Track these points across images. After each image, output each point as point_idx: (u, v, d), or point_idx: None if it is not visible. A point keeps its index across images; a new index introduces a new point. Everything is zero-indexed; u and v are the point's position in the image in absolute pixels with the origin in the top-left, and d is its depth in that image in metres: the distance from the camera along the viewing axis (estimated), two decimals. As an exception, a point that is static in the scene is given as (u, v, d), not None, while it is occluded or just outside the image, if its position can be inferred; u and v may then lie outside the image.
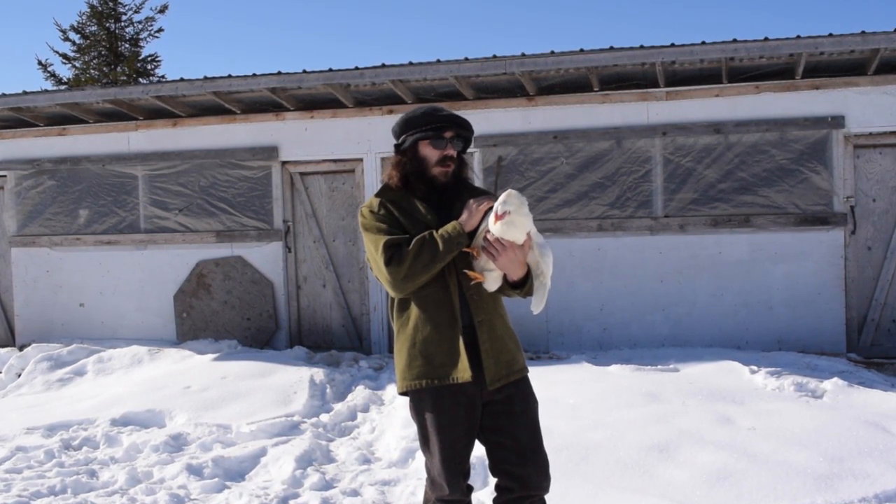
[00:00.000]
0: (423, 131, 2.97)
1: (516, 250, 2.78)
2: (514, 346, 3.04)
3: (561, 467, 4.48)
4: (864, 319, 7.91)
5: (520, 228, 2.77)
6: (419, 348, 2.92)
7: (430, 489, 3.05)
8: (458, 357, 2.88)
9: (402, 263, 2.84)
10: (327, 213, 9.21)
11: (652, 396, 5.83)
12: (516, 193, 2.77)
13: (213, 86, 8.50)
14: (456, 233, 2.84)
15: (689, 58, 7.48)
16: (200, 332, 9.28)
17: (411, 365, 2.94)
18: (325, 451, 5.60)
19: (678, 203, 8.14)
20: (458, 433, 2.91)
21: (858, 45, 7.18)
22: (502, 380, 2.93)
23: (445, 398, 2.90)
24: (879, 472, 4.26)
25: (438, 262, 2.85)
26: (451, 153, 2.98)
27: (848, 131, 7.80)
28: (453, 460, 2.92)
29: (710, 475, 4.32)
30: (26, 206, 9.91)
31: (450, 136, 2.97)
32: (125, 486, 4.95)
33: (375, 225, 2.96)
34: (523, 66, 7.74)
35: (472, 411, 2.94)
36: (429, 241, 2.84)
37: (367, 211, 3.02)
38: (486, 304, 2.97)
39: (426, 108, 3.03)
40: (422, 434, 2.99)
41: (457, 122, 3.00)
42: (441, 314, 2.92)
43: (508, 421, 2.94)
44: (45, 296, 9.86)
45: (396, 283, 2.87)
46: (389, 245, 2.88)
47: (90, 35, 22.66)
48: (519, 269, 2.84)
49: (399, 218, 2.97)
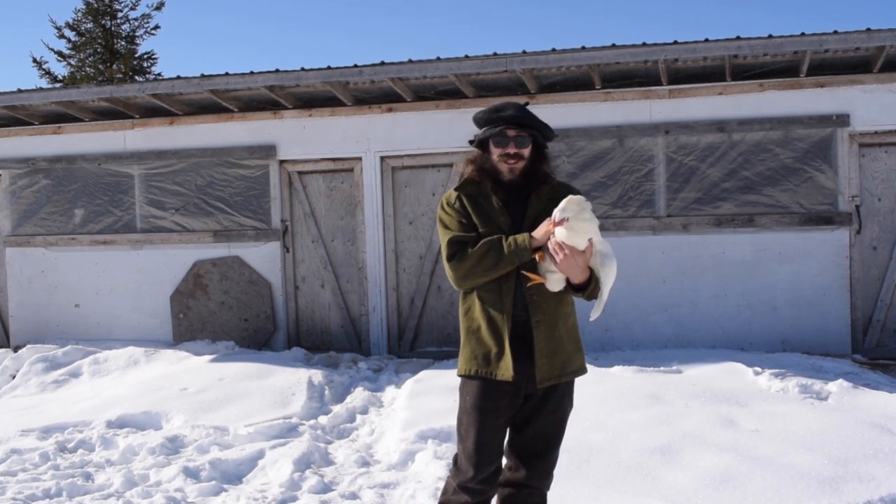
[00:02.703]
0: (486, 129, 3.07)
1: (577, 255, 2.84)
2: (573, 347, 3.10)
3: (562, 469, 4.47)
4: (870, 320, 7.87)
5: (580, 234, 2.83)
6: (473, 339, 3.06)
7: (452, 476, 3.13)
8: (504, 355, 2.98)
9: (463, 262, 2.97)
10: (326, 212, 9.15)
11: (654, 398, 5.84)
12: (578, 199, 2.83)
13: (211, 84, 8.47)
14: (524, 245, 2.92)
15: (693, 55, 7.45)
16: (197, 332, 9.22)
17: (464, 353, 3.09)
18: (324, 454, 5.57)
19: (681, 202, 8.09)
20: (498, 422, 3.03)
21: (864, 42, 7.15)
22: (553, 379, 3.02)
23: (493, 385, 3.01)
24: (885, 475, 4.25)
25: (500, 270, 2.96)
26: (513, 151, 3.02)
27: (853, 130, 7.77)
28: (487, 446, 3.02)
29: (713, 478, 4.31)
30: (21, 205, 9.86)
31: (513, 135, 3.02)
32: (121, 489, 4.93)
33: (448, 218, 3.09)
34: (524, 63, 7.71)
35: (514, 401, 3.04)
36: (496, 246, 2.94)
37: (444, 202, 3.16)
38: (547, 304, 3.02)
39: (493, 106, 3.11)
40: (460, 416, 3.10)
41: (513, 120, 3.02)
42: (495, 310, 3.01)
43: (539, 414, 3.06)
44: (40, 296, 9.81)
45: (457, 279, 3.02)
46: (455, 241, 3.02)
47: (86, 32, 22.59)
48: (580, 273, 2.90)
49: (472, 212, 3.06)
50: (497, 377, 2.98)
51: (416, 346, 8.90)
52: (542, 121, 3.08)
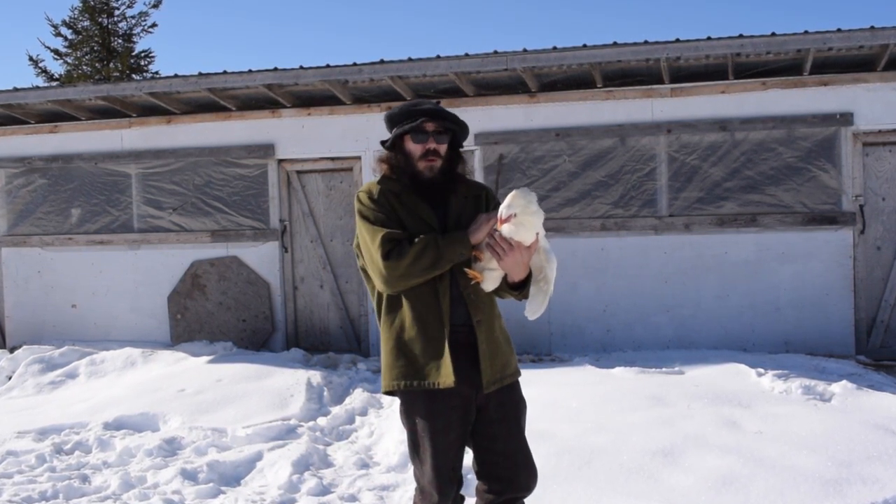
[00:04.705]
0: (403, 125, 2.91)
1: (523, 251, 2.73)
2: (509, 348, 3.01)
3: (563, 471, 4.50)
4: (874, 321, 7.84)
5: (529, 229, 2.72)
6: (403, 348, 2.86)
7: (419, 499, 2.96)
8: (442, 360, 2.82)
9: (400, 260, 2.78)
10: (325, 212, 9.11)
11: (656, 399, 5.81)
12: (522, 193, 2.71)
13: (208, 82, 8.44)
14: (462, 243, 2.80)
15: (695, 53, 7.42)
16: (195, 333, 9.18)
17: (394, 364, 2.87)
18: (323, 456, 5.55)
19: (683, 202, 8.05)
20: (451, 438, 2.84)
21: (867, 40, 7.12)
22: (497, 383, 2.89)
23: (438, 401, 2.82)
24: (889, 477, 4.22)
25: (438, 268, 2.81)
26: (433, 146, 2.91)
27: (857, 128, 7.74)
28: (445, 467, 2.85)
29: (715, 480, 4.28)
30: (17, 205, 9.81)
31: (432, 130, 2.90)
32: (118, 492, 4.93)
33: (373, 214, 2.89)
34: (525, 61, 7.68)
35: (467, 415, 2.88)
36: (433, 245, 2.79)
37: (365, 196, 2.95)
38: (484, 304, 2.92)
39: (408, 102, 2.99)
40: (412, 439, 2.91)
41: (436, 114, 2.91)
42: (429, 314, 2.86)
43: (501, 427, 2.91)
44: (37, 297, 9.77)
45: (391, 279, 2.81)
46: (389, 239, 2.81)
47: (82, 30, 22.50)
48: (522, 270, 2.80)
49: (398, 211, 2.90)
50: (438, 385, 2.78)
51: (416, 347, 8.86)
52: (459, 118, 3.00)
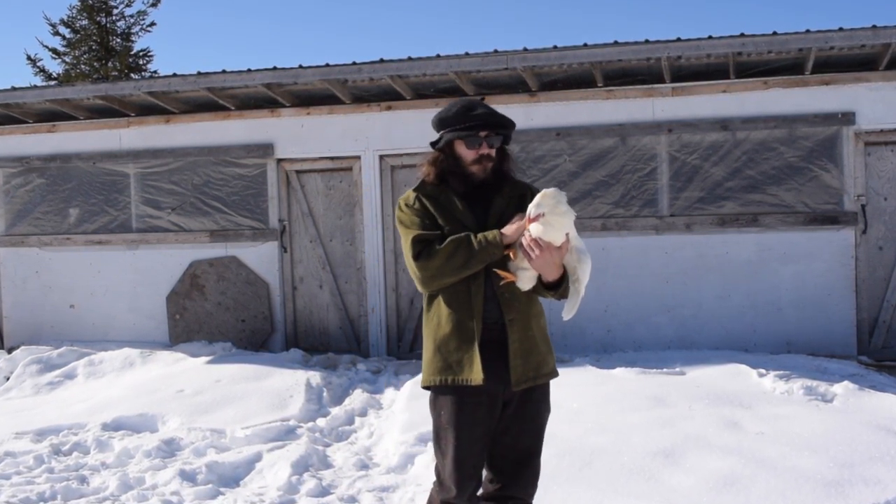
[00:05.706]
0: (456, 130, 2.95)
1: (553, 252, 2.74)
2: (546, 348, 3.02)
3: (564, 472, 4.50)
4: (876, 321, 7.82)
5: (557, 229, 2.72)
6: (439, 344, 2.93)
7: (436, 492, 3.02)
8: (473, 358, 2.86)
9: (431, 260, 2.85)
10: (324, 212, 9.08)
11: (657, 400, 5.82)
12: (552, 193, 2.72)
13: (207, 81, 8.42)
14: (495, 242, 2.82)
15: (696, 53, 7.41)
16: (194, 334, 9.15)
17: (431, 360, 2.95)
18: (322, 457, 5.54)
19: (684, 202, 8.03)
20: (476, 434, 2.90)
21: (869, 39, 7.11)
22: (529, 381, 2.91)
23: (468, 396, 2.88)
24: (891, 479, 4.23)
25: (470, 268, 2.85)
26: (487, 152, 2.96)
27: (858, 128, 7.72)
28: (467, 462, 2.90)
29: (716, 481, 4.29)
30: (15, 204, 9.79)
31: (485, 135, 2.94)
32: (116, 493, 4.93)
33: (409, 218, 2.97)
34: (525, 61, 7.66)
35: (493, 411, 2.93)
36: (465, 244, 2.83)
37: (402, 203, 3.03)
38: (520, 303, 2.93)
39: (461, 106, 3.00)
40: (436, 431, 2.97)
41: (490, 122, 2.95)
42: (463, 312, 2.90)
43: (516, 423, 2.95)
44: (35, 297, 9.74)
45: (424, 278, 2.89)
46: (419, 240, 2.89)
47: (81, 29, 22.43)
48: (554, 270, 2.81)
49: (434, 213, 2.95)
50: (469, 382, 2.85)
51: (416, 348, 8.82)
52: (510, 119, 3.03)
